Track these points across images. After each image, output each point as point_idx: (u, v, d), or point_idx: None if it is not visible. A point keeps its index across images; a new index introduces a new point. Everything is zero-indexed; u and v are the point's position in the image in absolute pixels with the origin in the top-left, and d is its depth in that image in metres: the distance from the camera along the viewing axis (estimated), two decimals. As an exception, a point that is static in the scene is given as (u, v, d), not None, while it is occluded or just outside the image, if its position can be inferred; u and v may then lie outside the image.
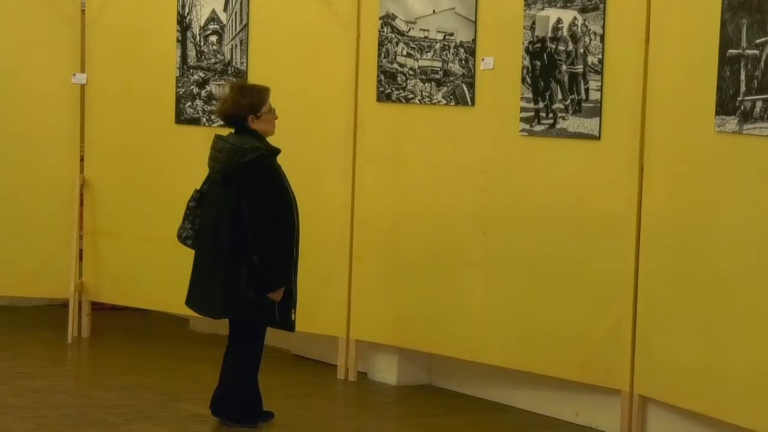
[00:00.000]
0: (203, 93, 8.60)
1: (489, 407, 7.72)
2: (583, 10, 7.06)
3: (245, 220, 6.89)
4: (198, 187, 7.13)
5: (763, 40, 6.15)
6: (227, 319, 7.19)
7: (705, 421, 6.64)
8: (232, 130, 7.00)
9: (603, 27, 6.99)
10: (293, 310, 7.03)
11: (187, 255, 7.31)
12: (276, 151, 6.96)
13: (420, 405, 7.84)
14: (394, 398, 8.03)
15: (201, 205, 7.08)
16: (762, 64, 6.16)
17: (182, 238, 7.13)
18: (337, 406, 7.90)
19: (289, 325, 7.07)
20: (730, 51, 6.32)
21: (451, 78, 7.67)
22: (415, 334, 7.92)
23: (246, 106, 6.93)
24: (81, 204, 9.09)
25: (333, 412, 7.74)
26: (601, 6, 6.97)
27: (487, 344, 7.56)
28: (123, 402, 7.69)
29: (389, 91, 7.93)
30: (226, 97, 7.28)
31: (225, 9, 8.53)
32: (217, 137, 7.03)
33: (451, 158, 7.70)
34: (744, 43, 6.25)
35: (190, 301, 7.18)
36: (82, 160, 9.11)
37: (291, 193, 6.99)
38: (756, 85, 6.19)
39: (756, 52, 6.19)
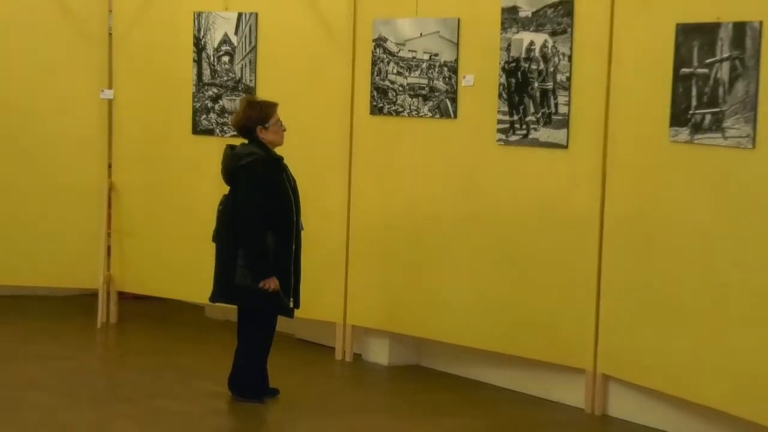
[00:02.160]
0: (216, 107, 8.59)
1: (470, 385, 7.74)
2: (553, 34, 7.06)
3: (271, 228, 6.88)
4: (225, 192, 7.07)
5: (711, 60, 6.17)
6: (240, 308, 7.12)
7: (659, 396, 6.67)
8: (245, 141, 7.00)
9: (570, 48, 6.99)
10: (292, 298, 7.00)
11: (201, 250, 7.36)
12: (276, 159, 6.92)
13: (409, 383, 7.84)
14: (385, 377, 8.04)
15: (224, 209, 7.02)
16: (711, 81, 6.17)
17: (213, 238, 7.12)
18: (335, 384, 7.89)
19: (287, 312, 7.05)
20: (683, 70, 6.35)
21: (436, 93, 7.66)
22: (405, 320, 7.93)
23: (255, 119, 6.93)
24: (109, 206, 9.09)
25: (331, 389, 7.73)
26: (569, 30, 6.98)
27: (469, 329, 7.58)
28: (146, 380, 7.71)
29: (381, 105, 7.92)
30: (237, 111, 7.27)
31: (236, 32, 8.50)
32: (227, 146, 7.04)
33: (437, 165, 7.70)
34: (695, 63, 6.27)
35: (215, 296, 7.15)
36: (109, 167, 9.09)
37: (290, 194, 6.94)
38: (705, 100, 6.21)
39: (706, 70, 6.21)
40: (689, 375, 6.39)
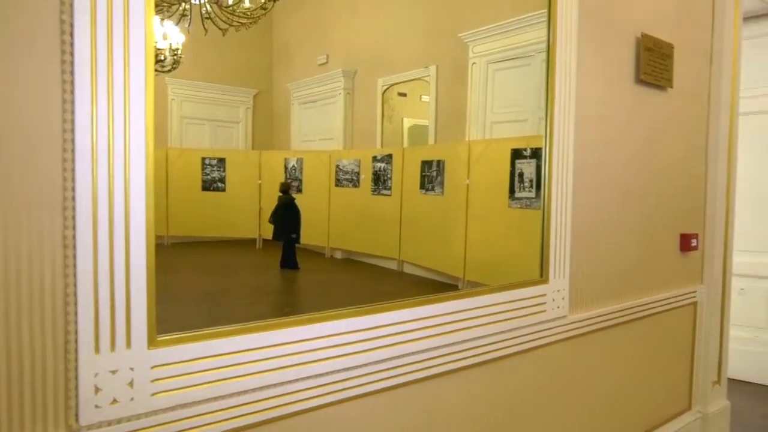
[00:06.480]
0: (294, 184, 8.20)
1: (365, 264, 7.79)
2: (387, 164, 8.01)
3: (291, 220, 7.25)
4: (275, 206, 7.26)
5: (430, 171, 7.17)
6: (283, 242, 7.28)
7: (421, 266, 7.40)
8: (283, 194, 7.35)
9: (391, 168, 7.86)
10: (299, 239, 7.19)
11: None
12: (293, 198, 7.28)
13: (348, 264, 7.89)
14: (342, 262, 7.89)
15: (275, 212, 7.26)
16: (434, 176, 7.16)
17: (269, 221, 7.26)
18: (324, 263, 7.77)
19: (299, 242, 7.19)
20: (423, 173, 7.30)
21: (354, 180, 8.16)
22: (348, 243, 8.04)
23: (287, 186, 7.33)
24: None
25: (322, 265, 7.69)
26: (391, 162, 7.90)
27: (366, 246, 7.87)
28: (267, 264, 7.32)
29: (338, 184, 8.29)
30: (282, 185, 7.49)
31: (295, 163, 8.53)
32: (280, 195, 7.34)
33: (356, 203, 8.03)
34: (426, 172, 7.21)
35: (275, 237, 7.23)
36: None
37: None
38: (431, 181, 7.15)
39: (430, 173, 7.17)
40: (431, 257, 7.11)
